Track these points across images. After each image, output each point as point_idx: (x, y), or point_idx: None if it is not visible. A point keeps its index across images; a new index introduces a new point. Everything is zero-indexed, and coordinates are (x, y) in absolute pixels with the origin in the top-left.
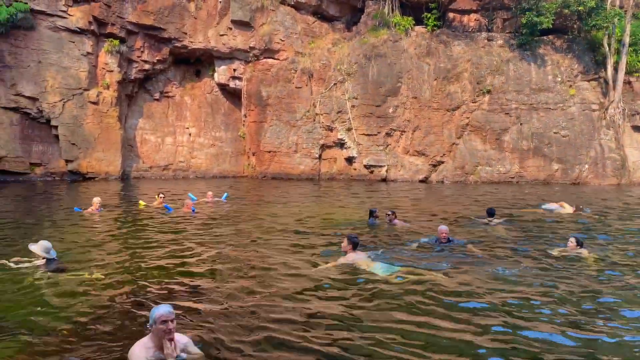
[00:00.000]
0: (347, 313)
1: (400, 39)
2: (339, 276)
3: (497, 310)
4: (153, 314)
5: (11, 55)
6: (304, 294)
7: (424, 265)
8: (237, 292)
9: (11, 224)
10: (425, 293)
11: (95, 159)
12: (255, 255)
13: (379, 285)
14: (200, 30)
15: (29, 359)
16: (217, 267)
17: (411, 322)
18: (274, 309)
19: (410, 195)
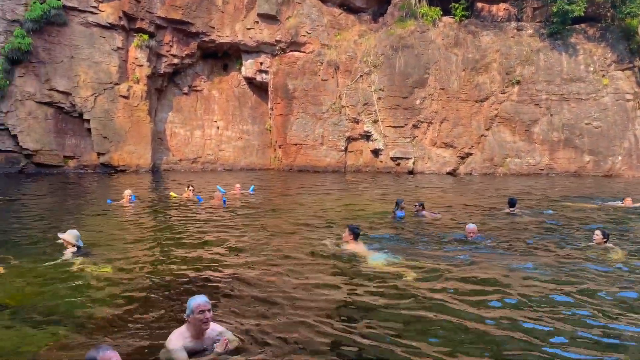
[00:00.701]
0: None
1: (428, 30)
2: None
3: (508, 307)
4: (190, 304)
5: (45, 51)
6: (328, 285)
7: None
8: (266, 281)
9: (46, 215)
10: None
11: (127, 152)
12: (283, 246)
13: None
14: (228, 24)
15: (62, 347)
16: (246, 257)
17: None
18: (300, 298)
19: (437, 187)
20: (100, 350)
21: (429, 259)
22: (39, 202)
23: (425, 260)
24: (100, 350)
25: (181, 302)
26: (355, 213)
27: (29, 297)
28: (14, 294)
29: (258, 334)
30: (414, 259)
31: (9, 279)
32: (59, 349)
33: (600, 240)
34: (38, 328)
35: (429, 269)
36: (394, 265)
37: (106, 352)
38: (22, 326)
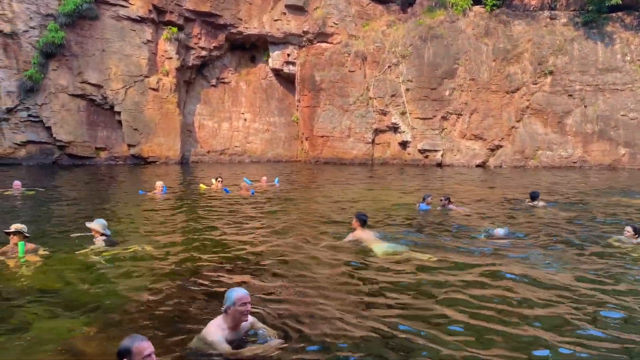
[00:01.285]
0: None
1: (458, 20)
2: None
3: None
4: (232, 296)
5: (77, 44)
6: (352, 275)
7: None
8: (293, 272)
9: (79, 205)
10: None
11: (156, 143)
12: (309, 236)
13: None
14: (255, 15)
15: (96, 335)
16: (271, 247)
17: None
18: (327, 288)
19: (466, 180)
20: (135, 341)
21: (441, 250)
22: (72, 192)
23: (436, 251)
24: (136, 341)
25: (209, 292)
26: (380, 205)
27: (63, 285)
28: (49, 282)
29: (287, 322)
30: (422, 250)
31: (44, 267)
32: (93, 337)
33: (631, 236)
34: (73, 316)
35: (436, 260)
36: (398, 253)
37: (141, 342)
38: (58, 313)
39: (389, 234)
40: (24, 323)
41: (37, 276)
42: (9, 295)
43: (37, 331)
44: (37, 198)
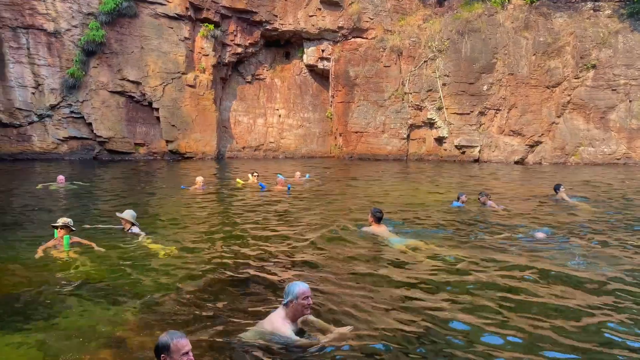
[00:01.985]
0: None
1: (496, 13)
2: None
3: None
4: (294, 290)
5: (117, 42)
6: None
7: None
8: (329, 266)
9: (120, 199)
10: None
11: (193, 139)
12: (342, 231)
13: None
14: (290, 12)
15: (138, 328)
16: (308, 242)
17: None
18: (364, 280)
19: (504, 177)
20: (174, 337)
21: (457, 248)
22: (113, 187)
23: (453, 249)
24: (174, 337)
25: (248, 286)
26: (414, 201)
27: (107, 277)
28: (93, 274)
29: (334, 313)
30: (442, 245)
31: (89, 260)
32: (136, 329)
33: None
34: (116, 307)
35: (447, 257)
36: (411, 247)
37: (180, 339)
38: (101, 305)
39: (419, 230)
40: (69, 314)
41: (82, 268)
42: (55, 287)
43: (81, 322)
44: (80, 192)
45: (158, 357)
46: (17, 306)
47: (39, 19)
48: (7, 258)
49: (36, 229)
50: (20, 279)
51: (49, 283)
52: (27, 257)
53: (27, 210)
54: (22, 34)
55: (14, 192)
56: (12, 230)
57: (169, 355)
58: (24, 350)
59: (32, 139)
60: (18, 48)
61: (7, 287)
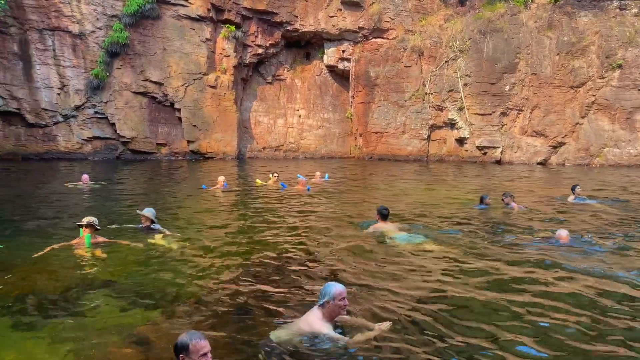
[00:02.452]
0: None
1: (519, 12)
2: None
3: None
4: (331, 291)
5: (140, 43)
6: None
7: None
8: (351, 265)
9: (142, 198)
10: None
11: (214, 139)
12: (356, 229)
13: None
14: (311, 12)
15: (161, 326)
16: (329, 242)
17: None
18: (387, 278)
19: (528, 178)
20: (193, 337)
21: (463, 248)
22: (136, 186)
23: (458, 248)
24: (194, 338)
25: (270, 286)
26: (435, 202)
27: (130, 275)
28: (116, 272)
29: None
30: (444, 243)
31: (112, 258)
32: (158, 327)
33: None
34: (139, 305)
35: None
36: (413, 244)
37: (199, 340)
38: (124, 303)
39: (430, 231)
40: (91, 311)
41: (105, 266)
42: (78, 284)
43: (104, 319)
44: (103, 191)
45: (177, 357)
46: (41, 303)
47: (64, 21)
48: (30, 257)
49: (61, 228)
50: (45, 277)
51: (73, 281)
52: (50, 256)
53: (52, 208)
54: (48, 36)
55: (40, 190)
56: (37, 228)
57: (188, 355)
58: (48, 346)
59: (57, 139)
60: (44, 50)
61: (32, 284)
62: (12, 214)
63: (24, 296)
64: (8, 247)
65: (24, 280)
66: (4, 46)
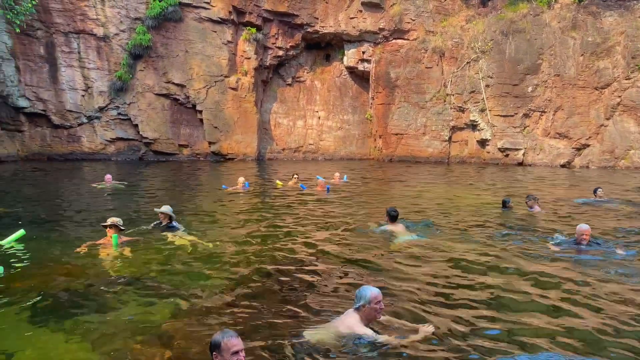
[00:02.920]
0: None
1: (542, 13)
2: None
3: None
4: (367, 295)
5: (163, 46)
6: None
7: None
8: (371, 267)
9: (166, 198)
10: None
11: (235, 141)
12: (371, 231)
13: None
14: (331, 14)
15: (183, 324)
16: (349, 243)
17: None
18: (408, 280)
19: (549, 180)
20: (224, 336)
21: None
22: (159, 186)
23: (465, 249)
24: (225, 336)
25: (289, 287)
26: (457, 204)
27: (154, 273)
28: (141, 271)
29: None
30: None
31: (136, 257)
32: (181, 324)
33: None
34: (162, 303)
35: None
36: (416, 244)
37: (231, 338)
38: (148, 301)
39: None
40: (117, 308)
41: (129, 265)
42: (103, 283)
43: (129, 316)
44: (126, 191)
45: (211, 355)
46: (68, 300)
47: (89, 24)
48: (58, 254)
49: (87, 225)
50: (71, 275)
51: (98, 279)
52: (76, 254)
53: (77, 207)
54: (74, 39)
55: (65, 190)
56: (63, 227)
57: (220, 353)
58: (75, 341)
59: (81, 140)
60: (69, 52)
61: (59, 282)
62: (40, 212)
63: (50, 292)
64: (35, 244)
65: (50, 277)
66: (31, 49)
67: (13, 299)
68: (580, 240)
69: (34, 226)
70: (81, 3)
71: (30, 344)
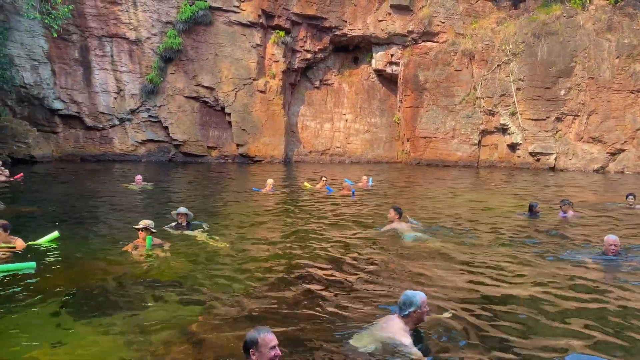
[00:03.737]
0: None
1: (576, 14)
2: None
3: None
4: (417, 301)
5: (193, 49)
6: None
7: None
8: (398, 271)
9: (195, 199)
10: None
11: (262, 143)
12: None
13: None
14: (360, 17)
15: (212, 324)
16: (375, 247)
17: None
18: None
19: (582, 186)
20: (261, 332)
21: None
22: (187, 187)
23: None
24: (262, 332)
25: (318, 290)
26: (487, 207)
27: (185, 275)
28: (172, 273)
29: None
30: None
31: (168, 260)
32: (209, 325)
33: None
34: (192, 304)
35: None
36: (419, 241)
37: (267, 334)
38: (178, 301)
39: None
40: (145, 308)
41: (159, 266)
42: (133, 283)
43: (157, 316)
44: (156, 191)
45: (247, 353)
46: (98, 299)
47: (122, 28)
48: (92, 253)
49: (118, 227)
50: (101, 275)
51: (130, 279)
52: (108, 253)
53: (109, 207)
54: (107, 43)
55: (98, 190)
56: (96, 226)
57: (258, 349)
58: (104, 340)
59: (113, 141)
60: (103, 56)
61: (89, 281)
62: (73, 211)
63: (85, 290)
64: (69, 243)
65: (84, 275)
66: (67, 53)
67: (49, 296)
68: (607, 251)
69: (67, 225)
70: (115, 7)
71: (67, 339)
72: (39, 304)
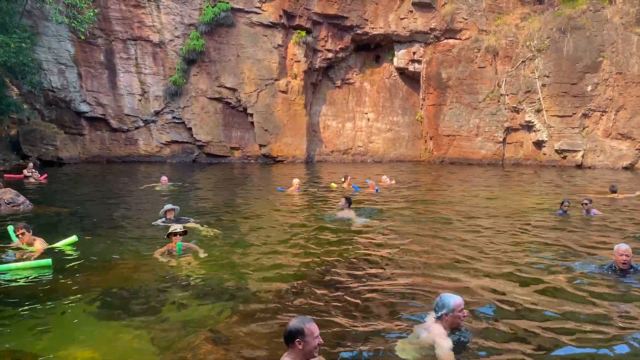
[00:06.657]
0: None
1: (603, 8)
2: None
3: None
4: (450, 304)
5: (215, 50)
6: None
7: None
8: (419, 269)
9: (223, 199)
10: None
11: (285, 143)
12: (437, 241)
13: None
14: (381, 15)
15: (237, 324)
16: (399, 245)
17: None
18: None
19: (610, 183)
20: (305, 322)
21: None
22: (211, 187)
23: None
24: (306, 322)
25: (339, 288)
26: (516, 206)
27: (208, 276)
28: (202, 275)
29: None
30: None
31: (199, 263)
32: (235, 324)
33: None
34: (219, 305)
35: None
36: (366, 225)
37: (311, 323)
38: (202, 302)
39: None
40: (175, 309)
41: (188, 268)
42: (163, 284)
43: (186, 317)
44: (181, 192)
45: (291, 343)
46: (128, 300)
47: (145, 31)
48: (120, 253)
49: (144, 227)
50: (131, 276)
51: (157, 280)
52: (137, 254)
53: (135, 207)
54: (131, 45)
55: (124, 191)
56: (123, 227)
57: (304, 339)
58: (135, 339)
59: (138, 143)
60: (127, 58)
61: (119, 282)
62: (101, 212)
63: (113, 290)
64: (97, 243)
65: (113, 275)
66: (92, 56)
67: (79, 295)
68: (618, 263)
69: (95, 226)
70: (139, 11)
71: (98, 337)
72: (71, 302)
